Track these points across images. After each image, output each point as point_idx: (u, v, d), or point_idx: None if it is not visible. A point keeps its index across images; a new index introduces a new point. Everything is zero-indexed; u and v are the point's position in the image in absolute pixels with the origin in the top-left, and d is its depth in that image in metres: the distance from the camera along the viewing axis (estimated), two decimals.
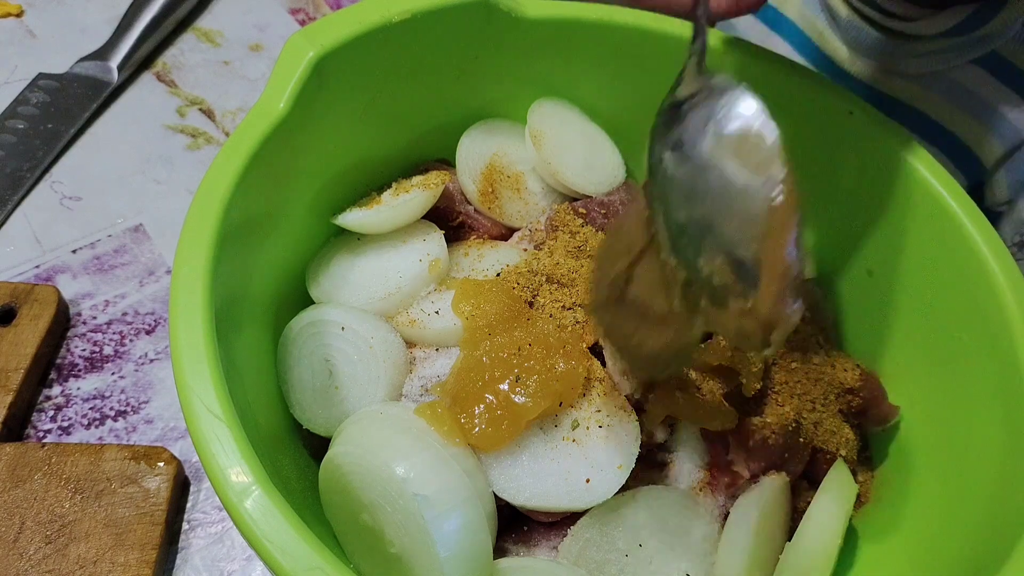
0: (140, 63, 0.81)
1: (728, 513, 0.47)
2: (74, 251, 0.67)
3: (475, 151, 0.58)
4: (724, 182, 0.35)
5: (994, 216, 0.59)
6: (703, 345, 0.49)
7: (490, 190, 0.57)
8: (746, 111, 0.35)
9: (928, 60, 0.52)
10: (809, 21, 0.60)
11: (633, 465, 0.45)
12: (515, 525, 0.46)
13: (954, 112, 0.56)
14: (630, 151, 0.62)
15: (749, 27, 0.67)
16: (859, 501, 0.50)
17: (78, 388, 0.59)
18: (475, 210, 0.58)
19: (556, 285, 0.51)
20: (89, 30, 0.83)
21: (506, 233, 0.58)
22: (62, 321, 0.62)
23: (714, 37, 0.55)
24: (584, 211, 0.57)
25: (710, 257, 0.35)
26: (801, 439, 0.48)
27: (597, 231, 0.56)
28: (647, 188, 0.40)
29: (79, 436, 0.57)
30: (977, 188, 0.59)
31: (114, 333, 0.62)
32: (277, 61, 0.46)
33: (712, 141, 0.35)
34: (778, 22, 0.63)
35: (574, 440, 0.45)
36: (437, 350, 0.50)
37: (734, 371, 0.47)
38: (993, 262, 0.46)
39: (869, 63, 0.56)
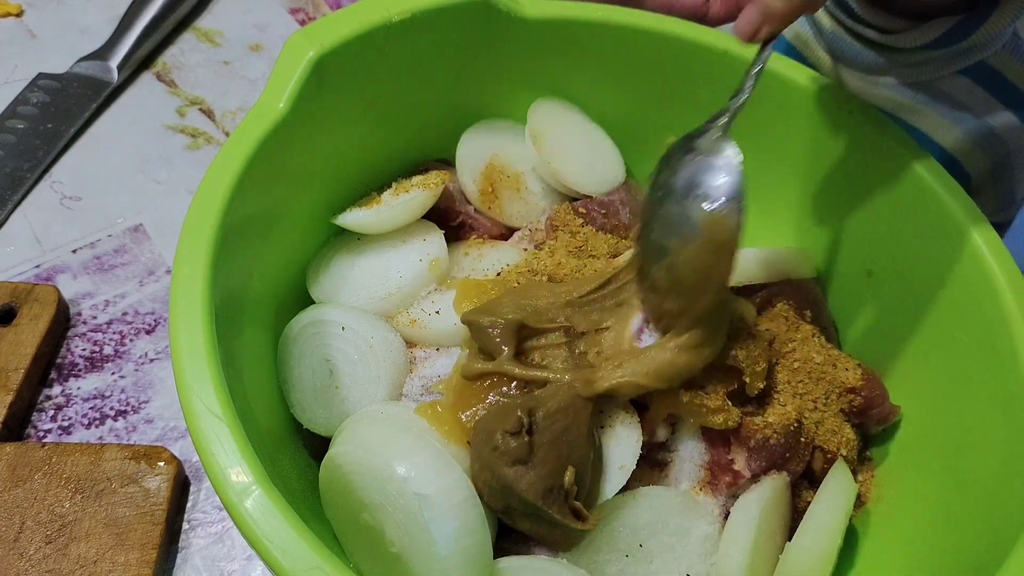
0: (140, 63, 0.81)
1: (729, 513, 0.47)
2: (74, 251, 0.67)
3: (475, 151, 0.58)
4: (691, 235, 0.43)
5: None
6: None
7: (490, 190, 0.57)
8: (726, 192, 0.43)
9: (913, 71, 0.52)
10: (795, 31, 0.60)
11: (634, 465, 0.45)
12: None
13: (940, 123, 0.55)
14: (630, 151, 0.62)
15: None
16: (859, 501, 0.50)
17: (78, 388, 0.59)
18: (475, 210, 0.58)
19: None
20: (89, 30, 0.83)
21: (506, 233, 0.58)
22: (62, 321, 0.62)
23: (721, 39, 0.55)
24: (584, 211, 0.57)
25: (659, 270, 0.45)
26: (802, 439, 0.48)
27: (597, 231, 0.56)
28: (647, 196, 0.47)
29: (79, 436, 0.57)
30: None
31: (114, 333, 0.62)
32: (277, 61, 0.46)
33: (695, 202, 0.43)
34: None
35: None
36: (438, 350, 0.50)
37: (737, 370, 0.47)
38: (993, 262, 0.46)
39: (853, 74, 0.56)
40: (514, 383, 0.44)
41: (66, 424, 0.57)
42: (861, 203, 0.54)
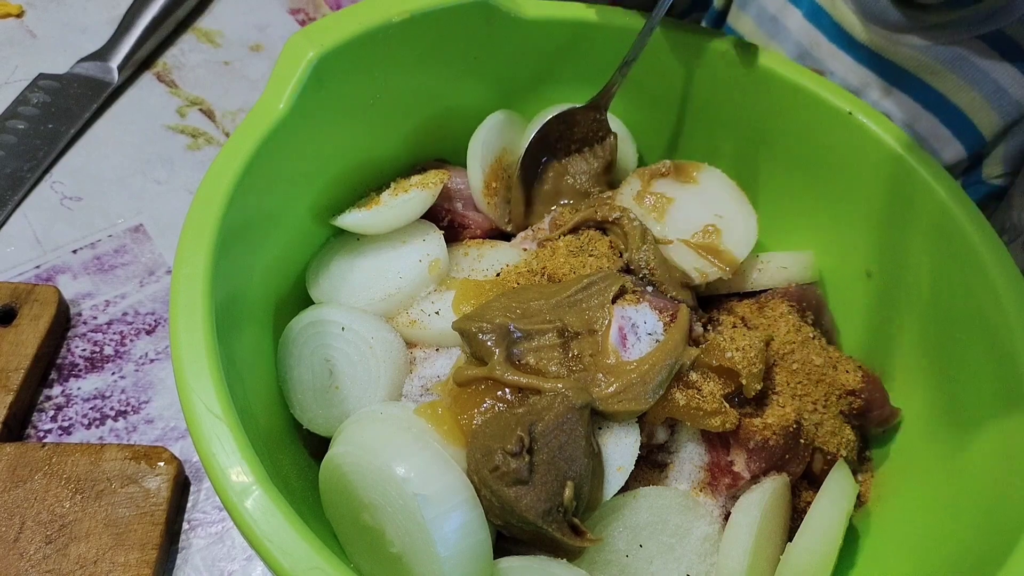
0: (140, 63, 0.81)
1: (729, 514, 0.47)
2: (74, 251, 0.67)
3: (491, 140, 0.57)
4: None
5: (991, 191, 0.59)
6: (703, 346, 0.49)
7: (493, 185, 0.57)
8: None
9: (936, 33, 0.53)
10: None
11: (632, 467, 0.45)
12: None
13: (957, 83, 0.57)
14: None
15: None
16: (859, 501, 0.50)
17: (78, 388, 0.59)
18: (462, 206, 0.57)
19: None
20: (89, 30, 0.83)
21: (497, 230, 0.58)
22: (62, 321, 0.62)
23: (720, 40, 0.55)
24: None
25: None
26: (802, 440, 0.48)
27: (601, 233, 0.56)
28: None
29: (79, 436, 0.57)
30: (975, 160, 0.60)
31: (114, 333, 0.62)
32: (277, 61, 0.46)
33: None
34: None
35: None
36: (437, 350, 0.50)
37: (735, 372, 0.47)
38: (992, 262, 0.46)
39: (878, 31, 0.57)
40: (507, 387, 0.44)
41: (66, 424, 0.57)
42: (860, 203, 0.54)
